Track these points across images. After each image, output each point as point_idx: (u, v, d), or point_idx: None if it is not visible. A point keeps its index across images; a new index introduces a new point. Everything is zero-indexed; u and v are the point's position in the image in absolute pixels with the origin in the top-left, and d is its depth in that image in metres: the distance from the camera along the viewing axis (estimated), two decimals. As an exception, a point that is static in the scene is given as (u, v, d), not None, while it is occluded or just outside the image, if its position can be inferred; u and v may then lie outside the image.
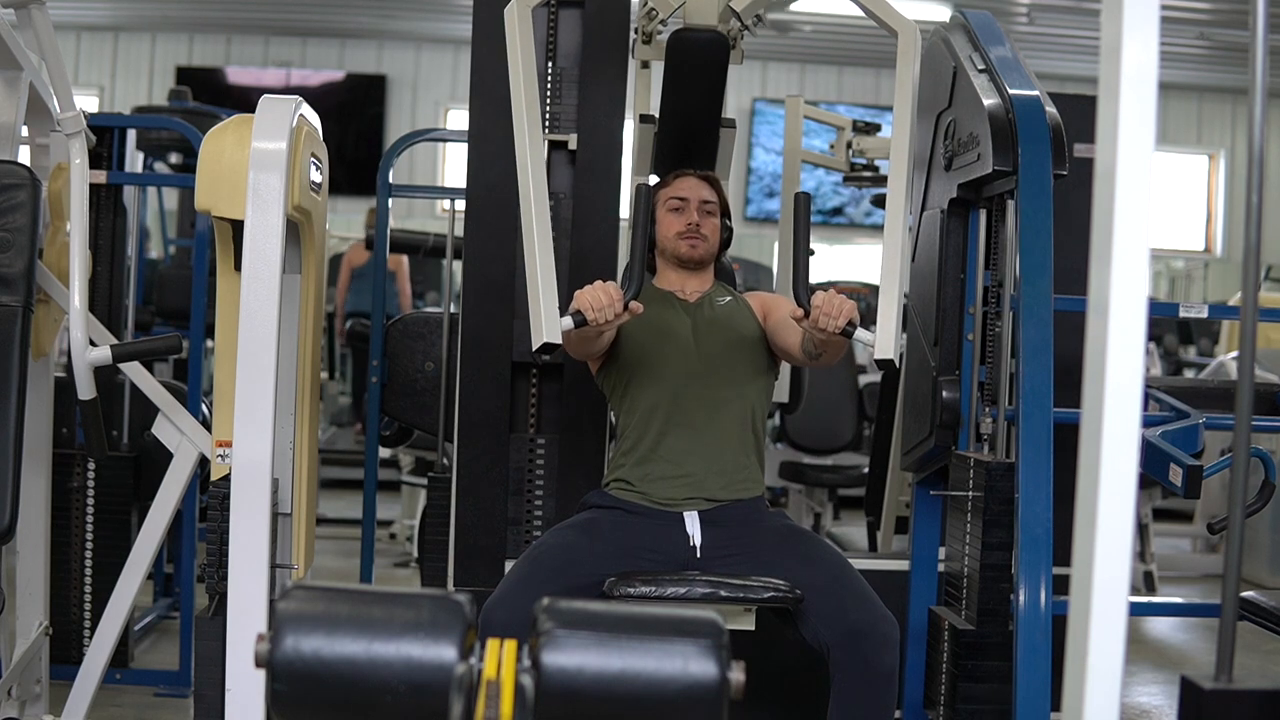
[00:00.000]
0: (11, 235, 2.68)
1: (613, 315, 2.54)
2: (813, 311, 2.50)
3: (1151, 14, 1.24)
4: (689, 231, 2.95)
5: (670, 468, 2.82)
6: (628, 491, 2.85)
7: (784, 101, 4.51)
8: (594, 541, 2.74)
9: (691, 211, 2.96)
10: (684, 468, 2.82)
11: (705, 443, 2.84)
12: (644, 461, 2.84)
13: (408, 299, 8.37)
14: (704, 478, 2.82)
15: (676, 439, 2.84)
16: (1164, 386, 3.60)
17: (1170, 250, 11.99)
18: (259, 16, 11.02)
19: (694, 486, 2.81)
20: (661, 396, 2.86)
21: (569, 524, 2.84)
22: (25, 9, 2.72)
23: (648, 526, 2.79)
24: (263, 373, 2.38)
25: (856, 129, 4.84)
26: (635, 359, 2.89)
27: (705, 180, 3.03)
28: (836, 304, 2.49)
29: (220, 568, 2.43)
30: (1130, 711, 4.19)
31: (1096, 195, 1.27)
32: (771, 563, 2.72)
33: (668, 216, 2.98)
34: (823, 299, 2.50)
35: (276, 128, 2.47)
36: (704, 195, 2.99)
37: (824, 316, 2.49)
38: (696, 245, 2.96)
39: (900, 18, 2.86)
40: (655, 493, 2.82)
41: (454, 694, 1.19)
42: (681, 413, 2.85)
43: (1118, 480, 1.25)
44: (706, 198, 2.99)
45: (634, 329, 2.88)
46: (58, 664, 3.28)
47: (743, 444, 2.88)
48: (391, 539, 6.62)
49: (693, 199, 2.97)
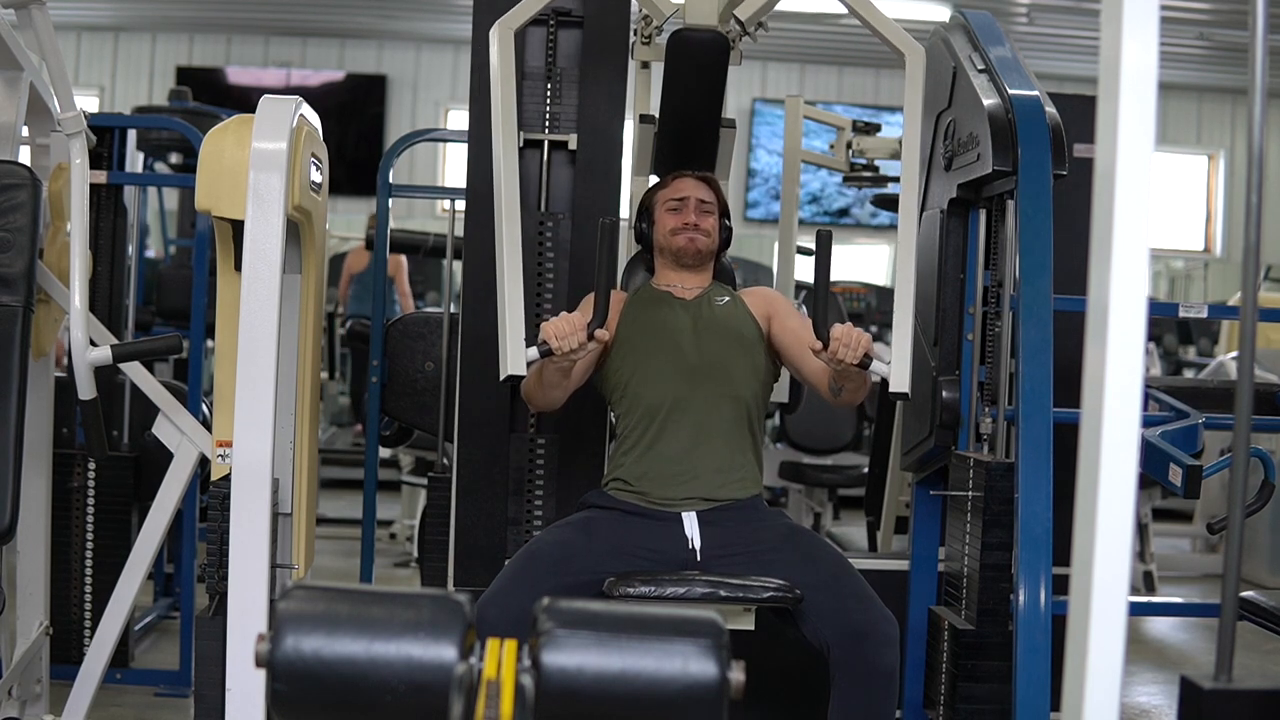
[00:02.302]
0: (12, 235, 2.68)
1: (576, 344, 2.58)
2: (831, 344, 2.56)
3: (1151, 14, 1.24)
4: (685, 227, 2.97)
5: (668, 466, 2.82)
6: (626, 491, 2.85)
7: (784, 101, 4.51)
8: (591, 540, 2.74)
9: (689, 211, 2.98)
10: (681, 466, 2.82)
11: (702, 442, 2.84)
12: (641, 460, 2.85)
13: (409, 300, 8.37)
14: (701, 477, 2.82)
15: (674, 438, 2.84)
16: (1164, 386, 3.61)
17: (1170, 250, 11.98)
18: (259, 16, 11.02)
19: (691, 486, 2.81)
20: (658, 396, 2.86)
21: (566, 522, 2.85)
22: (25, 9, 2.72)
23: (646, 527, 2.79)
24: (263, 373, 2.38)
25: (856, 129, 4.83)
26: (632, 359, 2.90)
27: (703, 181, 3.05)
28: (854, 337, 2.55)
29: (220, 568, 2.43)
30: (1130, 711, 4.19)
31: (1096, 195, 1.28)
32: (771, 562, 2.72)
33: (665, 215, 3.01)
34: (841, 332, 2.56)
35: (277, 128, 2.47)
36: (701, 195, 3.01)
37: (843, 348, 2.55)
38: (694, 239, 2.97)
39: (909, 40, 2.85)
40: (653, 492, 2.82)
41: (454, 694, 1.20)
42: (679, 412, 2.85)
43: (1118, 480, 1.25)
44: (704, 197, 3.01)
45: (631, 329, 2.89)
46: (58, 664, 3.28)
47: (740, 443, 2.88)
48: (391, 539, 6.62)
49: (690, 198, 2.99)
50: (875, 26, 2.85)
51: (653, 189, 3.11)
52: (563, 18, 3.21)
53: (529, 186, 3.23)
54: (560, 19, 3.21)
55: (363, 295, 8.16)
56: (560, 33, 3.23)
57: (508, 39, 2.80)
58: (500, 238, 2.73)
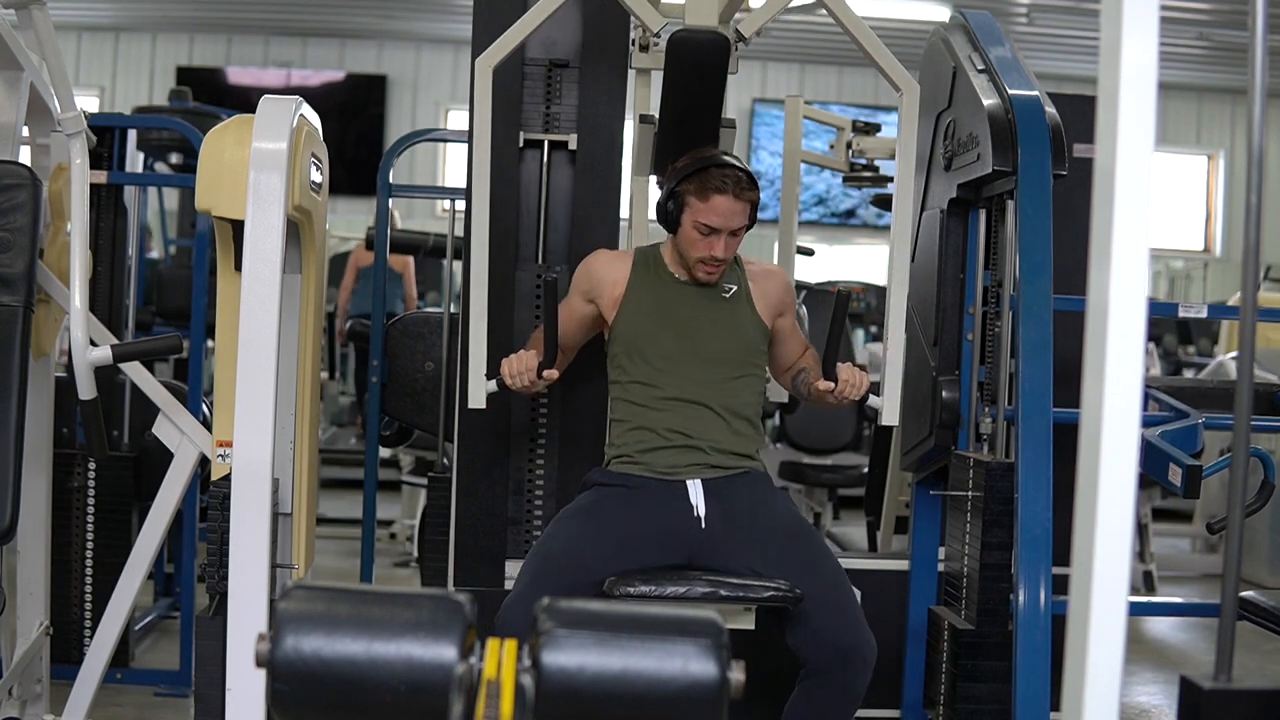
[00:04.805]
0: (12, 235, 2.68)
1: (528, 382, 2.80)
2: (840, 385, 2.84)
3: (1151, 14, 1.24)
4: (712, 260, 2.87)
5: (671, 437, 2.85)
6: (629, 464, 2.87)
7: (784, 102, 4.51)
8: (600, 531, 2.75)
9: (719, 245, 2.84)
10: (683, 433, 2.85)
11: (704, 415, 2.86)
12: (643, 432, 2.86)
13: (414, 301, 8.37)
14: (704, 446, 2.84)
15: (675, 416, 2.86)
16: (1164, 386, 3.60)
17: (1170, 250, 11.98)
18: (259, 17, 11.02)
19: (695, 452, 2.84)
20: (660, 379, 2.87)
21: (573, 512, 2.85)
22: (26, 9, 2.72)
23: (651, 501, 2.80)
24: (263, 373, 2.38)
25: (856, 129, 4.83)
26: (636, 341, 2.91)
27: (743, 202, 2.84)
28: (859, 378, 2.86)
29: (220, 568, 2.43)
30: (1130, 711, 4.19)
31: (1096, 195, 1.27)
32: (776, 560, 2.73)
33: (693, 233, 2.85)
34: (848, 374, 2.85)
35: (277, 128, 2.47)
36: (735, 225, 2.84)
37: (850, 388, 2.84)
38: (713, 274, 2.90)
39: (905, 76, 2.91)
40: (656, 462, 2.84)
41: (454, 694, 1.20)
42: (680, 394, 2.86)
43: (1117, 480, 1.25)
44: (738, 226, 2.85)
45: (635, 311, 2.91)
46: (58, 664, 3.28)
47: (741, 420, 2.90)
48: (391, 539, 6.62)
49: (724, 230, 2.83)
50: (875, 58, 2.91)
51: (687, 179, 2.85)
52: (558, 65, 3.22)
53: (529, 186, 3.23)
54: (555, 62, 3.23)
55: (367, 291, 8.15)
56: (561, 23, 3.22)
57: (486, 77, 2.83)
58: (471, 279, 2.89)
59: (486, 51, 2.84)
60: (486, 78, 2.84)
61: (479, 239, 2.87)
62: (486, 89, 2.84)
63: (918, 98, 2.92)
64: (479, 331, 2.87)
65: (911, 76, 2.93)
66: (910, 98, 2.89)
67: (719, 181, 2.82)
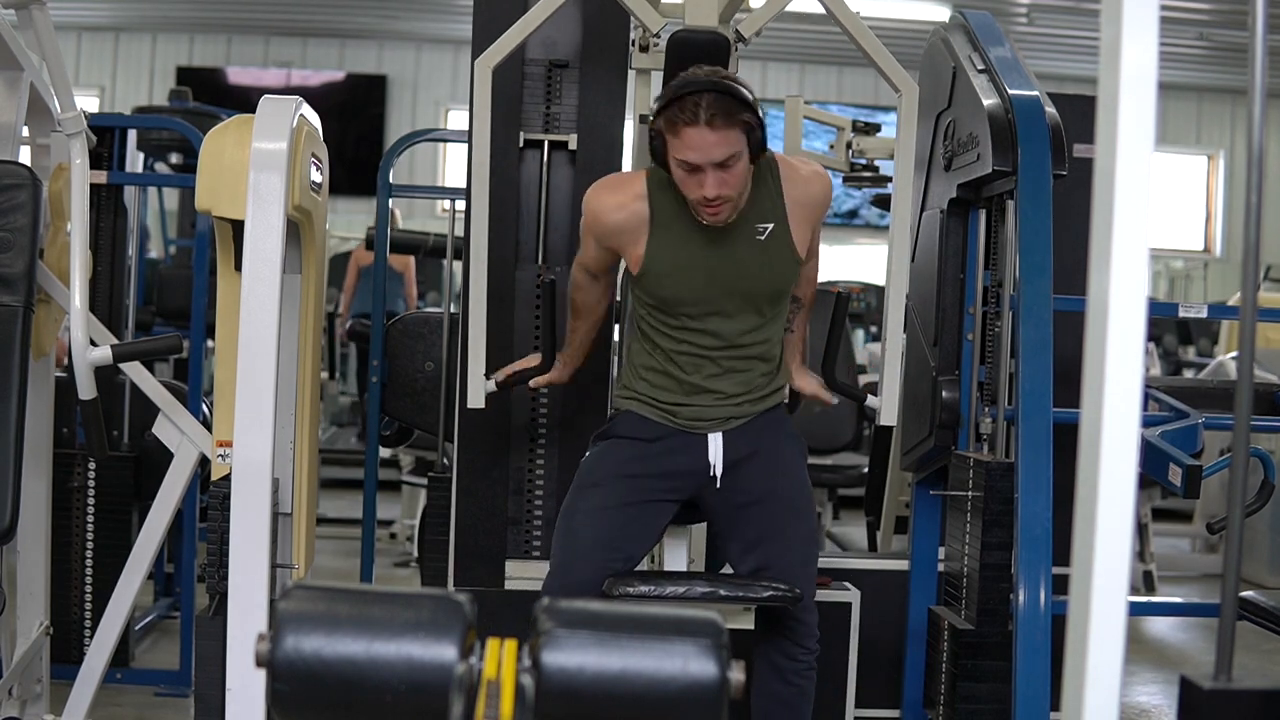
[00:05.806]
0: (12, 235, 2.68)
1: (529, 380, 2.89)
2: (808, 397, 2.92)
3: (1151, 14, 1.24)
4: (706, 202, 2.55)
5: (695, 395, 2.74)
6: (651, 406, 2.77)
7: (784, 102, 4.51)
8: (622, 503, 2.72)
9: (706, 181, 2.52)
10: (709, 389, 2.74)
11: (733, 370, 2.74)
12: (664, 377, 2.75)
13: (414, 301, 8.37)
14: (729, 400, 2.75)
15: (701, 371, 2.74)
16: (1164, 386, 3.61)
17: (1170, 250, 11.99)
18: (259, 17, 11.02)
19: (718, 408, 2.75)
20: (687, 335, 2.72)
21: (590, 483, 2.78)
22: (26, 9, 2.72)
23: (668, 451, 2.75)
24: (263, 373, 2.38)
25: (856, 129, 4.84)
26: (661, 291, 2.70)
27: (719, 131, 2.49)
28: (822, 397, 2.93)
29: (220, 568, 2.43)
30: (1130, 711, 4.19)
31: (1096, 195, 1.27)
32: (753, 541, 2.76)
33: (679, 172, 2.55)
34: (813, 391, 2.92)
35: (277, 128, 2.47)
36: (717, 157, 2.50)
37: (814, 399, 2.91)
38: (718, 212, 2.57)
39: (904, 76, 2.91)
40: (681, 414, 2.76)
41: (454, 694, 1.20)
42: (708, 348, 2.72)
43: (1117, 480, 1.25)
44: (720, 157, 2.50)
45: (660, 261, 2.67)
46: (58, 664, 3.28)
47: (765, 362, 2.77)
48: (391, 539, 6.62)
49: (706, 165, 2.51)
50: (874, 59, 2.91)
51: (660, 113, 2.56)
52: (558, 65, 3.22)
53: (529, 187, 3.23)
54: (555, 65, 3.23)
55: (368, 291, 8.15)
56: (561, 22, 3.22)
57: (485, 77, 2.82)
58: (471, 279, 2.90)
59: (486, 52, 2.84)
60: (486, 78, 2.84)
61: (479, 239, 2.87)
62: (486, 89, 2.84)
63: (916, 98, 2.92)
64: (479, 331, 2.89)
65: (910, 77, 2.93)
66: (909, 98, 2.89)
67: (687, 113, 2.49)
